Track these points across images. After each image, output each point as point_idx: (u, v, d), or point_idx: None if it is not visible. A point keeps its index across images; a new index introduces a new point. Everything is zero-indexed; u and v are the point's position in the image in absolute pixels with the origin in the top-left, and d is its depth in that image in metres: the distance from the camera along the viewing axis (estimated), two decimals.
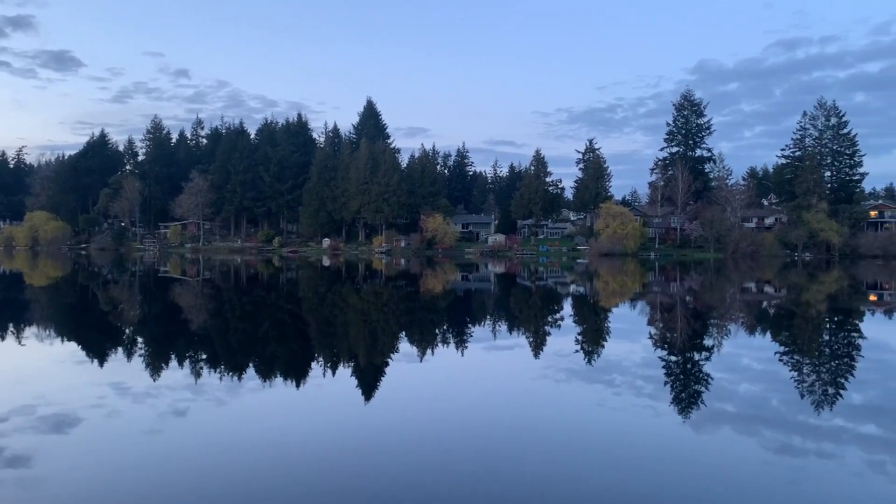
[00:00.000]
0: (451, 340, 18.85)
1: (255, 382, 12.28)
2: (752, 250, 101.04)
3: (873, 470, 7.73)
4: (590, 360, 15.42)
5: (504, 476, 7.53)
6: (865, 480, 7.43)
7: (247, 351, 16.54)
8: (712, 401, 11.15)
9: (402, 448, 8.54)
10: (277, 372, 13.39)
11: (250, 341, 18.17)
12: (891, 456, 8.20)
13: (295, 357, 15.79)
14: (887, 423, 9.79)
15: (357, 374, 13.38)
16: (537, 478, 7.47)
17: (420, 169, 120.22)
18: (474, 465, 7.89)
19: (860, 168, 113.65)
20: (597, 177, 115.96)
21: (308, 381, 12.50)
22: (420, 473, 7.59)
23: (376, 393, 11.71)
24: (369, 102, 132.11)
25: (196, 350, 16.34)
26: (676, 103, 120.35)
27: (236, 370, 13.35)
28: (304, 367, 14.19)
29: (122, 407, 10.38)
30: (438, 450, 8.48)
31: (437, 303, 31.18)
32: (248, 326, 21.55)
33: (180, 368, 13.73)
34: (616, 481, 7.42)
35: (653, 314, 27.52)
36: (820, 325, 23.31)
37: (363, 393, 11.66)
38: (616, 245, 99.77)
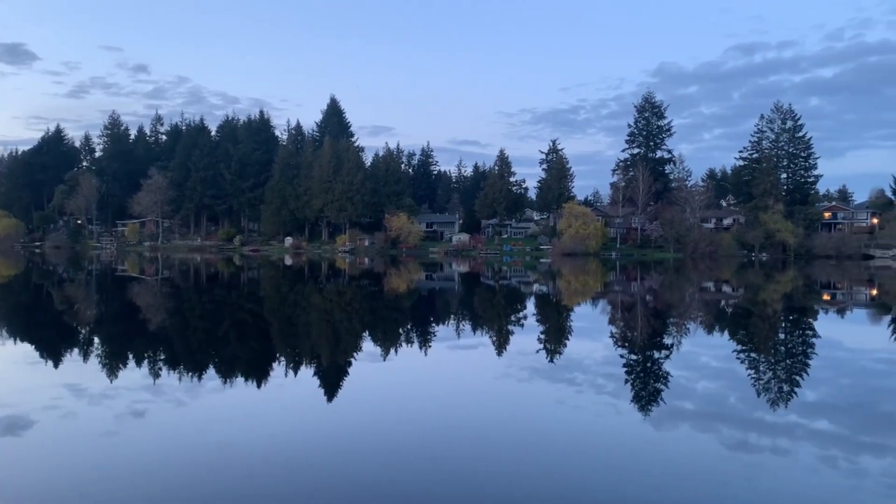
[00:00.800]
0: (415, 340, 18.83)
1: (216, 383, 12.10)
2: (711, 250, 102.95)
3: (826, 465, 7.93)
4: (552, 358, 15.55)
5: (466, 474, 7.55)
6: (818, 475, 7.63)
7: (207, 351, 16.29)
8: (671, 398, 11.32)
9: (366, 447, 8.50)
10: (238, 372, 13.21)
11: (210, 341, 17.90)
12: (842, 451, 8.42)
13: (256, 357, 15.60)
14: (839, 419, 10.06)
15: (320, 374, 13.29)
16: (499, 475, 7.50)
17: (384, 168, 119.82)
18: (437, 463, 7.89)
19: (815, 170, 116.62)
20: (560, 177, 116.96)
21: (269, 382, 12.36)
22: (383, 472, 7.56)
23: (339, 393, 11.64)
24: (333, 100, 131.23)
25: (154, 350, 16.03)
26: (638, 105, 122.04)
27: (196, 371, 13.14)
28: (265, 367, 14.02)
29: (78, 409, 10.14)
30: (401, 448, 8.46)
31: (402, 302, 31.12)
32: (208, 326, 21.22)
33: (138, 369, 13.46)
34: (577, 478, 7.49)
35: (614, 313, 27.86)
36: (776, 324, 23.85)
37: (326, 393, 11.58)
38: (578, 245, 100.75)
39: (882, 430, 9.58)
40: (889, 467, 7.85)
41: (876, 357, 16.52)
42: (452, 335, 19.45)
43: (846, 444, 8.78)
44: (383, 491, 7.02)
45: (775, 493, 7.16)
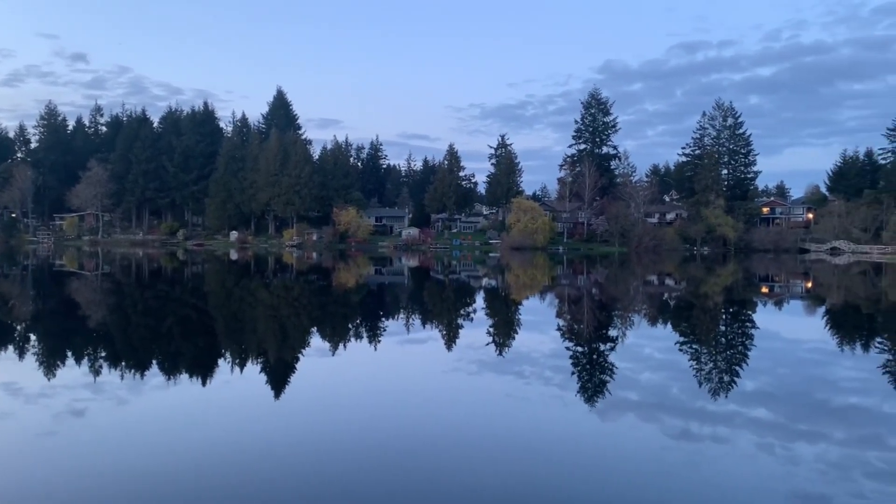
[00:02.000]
0: (365, 335, 18.75)
1: (159, 380, 11.81)
2: (655, 244, 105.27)
3: (763, 452, 8.21)
4: (501, 352, 15.68)
5: (414, 468, 7.56)
6: (756, 462, 7.89)
7: (149, 349, 15.88)
8: (616, 389, 11.55)
9: (313, 444, 8.42)
10: (183, 371, 12.93)
11: (153, 339, 17.45)
12: (778, 439, 8.73)
13: (201, 355, 15.27)
14: (776, 407, 10.42)
15: (267, 371, 13.11)
16: (447, 468, 7.53)
17: (333, 161, 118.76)
18: (385, 457, 7.88)
19: (754, 167, 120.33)
20: (508, 172, 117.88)
21: (215, 380, 12.12)
22: (331, 469, 7.50)
23: (287, 390, 11.50)
24: (279, 92, 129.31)
25: (94, 348, 15.55)
26: (584, 102, 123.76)
27: (138, 369, 12.80)
28: (210, 365, 13.75)
29: (13, 408, 9.77)
30: (349, 444, 8.41)
31: (351, 297, 30.92)
32: (151, 323, 20.70)
33: (77, 367, 13.03)
34: (524, 469, 7.58)
35: (561, 307, 28.24)
36: (716, 317, 24.55)
37: (273, 391, 11.43)
38: (527, 239, 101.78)
39: (815, 417, 9.96)
40: (822, 453, 8.17)
41: (810, 347, 17.16)
42: (402, 330, 19.42)
43: (782, 431, 9.10)
44: (331, 487, 6.97)
45: (716, 479, 7.38)
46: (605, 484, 7.23)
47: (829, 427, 9.33)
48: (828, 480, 7.21)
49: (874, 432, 9.09)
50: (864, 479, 7.24)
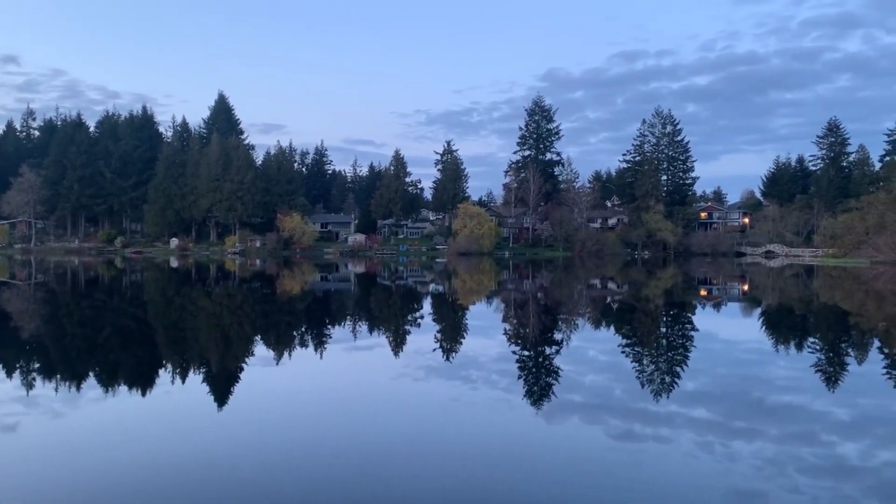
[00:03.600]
0: (310, 343, 18.52)
1: (96, 393, 11.41)
2: (597, 249, 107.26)
3: (703, 450, 8.43)
4: (448, 357, 15.70)
5: (361, 476, 7.48)
6: (696, 460, 8.09)
7: (86, 360, 15.33)
8: (561, 392, 11.70)
9: (258, 456, 8.25)
10: (121, 382, 12.52)
11: (90, 349, 16.86)
12: (717, 437, 8.97)
13: (140, 365, 14.81)
14: (715, 407, 10.71)
15: (209, 381, 12.81)
16: (394, 475, 7.49)
17: (276, 166, 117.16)
18: (331, 467, 7.78)
19: (692, 173, 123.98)
20: (455, 178, 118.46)
21: (155, 391, 11.77)
22: (275, 480, 7.37)
23: (229, 400, 11.26)
24: (221, 96, 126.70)
25: (27, 360, 14.93)
26: (528, 109, 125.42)
27: (74, 381, 12.35)
28: (150, 375, 13.36)
29: None
30: (294, 455, 8.28)
31: (296, 304, 30.52)
32: (88, 333, 19.99)
33: (8, 380, 12.49)
34: (471, 473, 7.59)
35: (507, 311, 28.47)
36: (657, 319, 25.12)
37: (216, 401, 11.17)
38: (473, 244, 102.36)
39: (752, 416, 10.27)
40: (758, 450, 8.42)
41: (747, 348, 17.71)
42: (348, 337, 19.26)
43: (721, 430, 9.36)
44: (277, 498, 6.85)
45: (658, 479, 7.53)
46: (550, 486, 7.30)
47: (765, 425, 9.63)
48: (764, 477, 7.44)
49: (807, 429, 9.43)
50: (797, 474, 7.50)
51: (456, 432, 9.37)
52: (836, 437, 9.00)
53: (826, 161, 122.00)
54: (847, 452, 8.33)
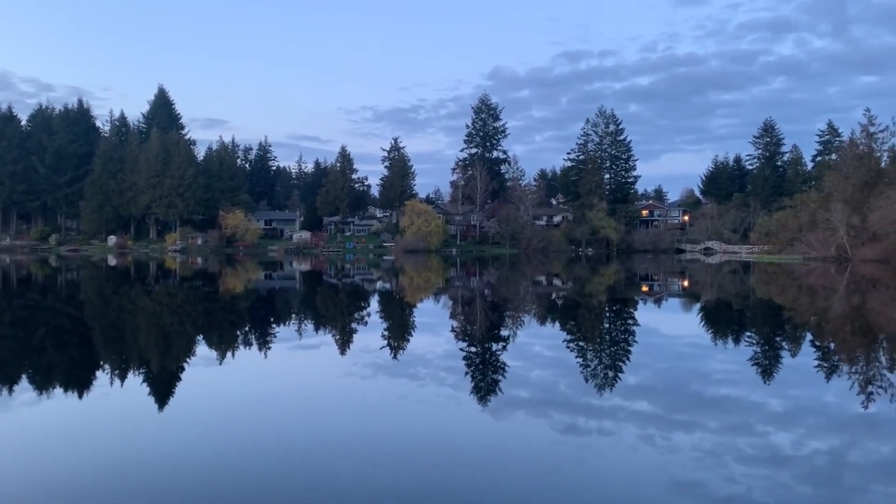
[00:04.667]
0: (254, 342, 18.23)
1: (29, 396, 10.99)
2: (543, 246, 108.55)
3: (644, 443, 8.63)
4: (395, 355, 15.68)
5: (306, 475, 7.41)
6: (638, 453, 8.28)
7: (18, 362, 14.73)
8: (508, 388, 11.81)
9: (202, 458, 8.09)
10: (56, 384, 12.08)
11: (22, 351, 16.21)
12: (658, 430, 9.20)
13: (76, 367, 14.32)
14: (656, 400, 10.98)
15: (149, 382, 12.48)
16: (341, 474, 7.44)
17: (218, 162, 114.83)
18: (276, 467, 7.68)
19: (634, 171, 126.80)
20: (402, 175, 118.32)
21: (91, 393, 11.41)
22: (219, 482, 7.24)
23: (171, 401, 10.99)
24: (161, 90, 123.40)
25: None
26: (475, 107, 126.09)
27: (5, 383, 11.86)
28: (86, 377, 12.94)
29: None
30: (238, 456, 8.13)
31: (239, 303, 29.99)
32: (20, 334, 19.22)
33: None
34: (418, 470, 7.60)
35: (454, 308, 28.58)
36: (601, 314, 25.59)
37: (157, 402, 10.89)
38: (420, 242, 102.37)
39: (691, 408, 10.57)
40: (697, 441, 8.67)
41: (687, 342, 18.20)
42: (294, 335, 19.02)
43: (662, 422, 9.60)
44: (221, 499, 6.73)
45: (602, 471, 7.69)
46: (497, 481, 7.37)
47: (704, 417, 9.92)
48: (703, 467, 7.67)
49: (744, 420, 9.75)
50: (735, 464, 7.75)
51: (403, 430, 9.37)
52: (770, 427, 9.33)
53: (762, 161, 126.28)
54: (781, 442, 8.65)
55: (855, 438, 8.93)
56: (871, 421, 9.79)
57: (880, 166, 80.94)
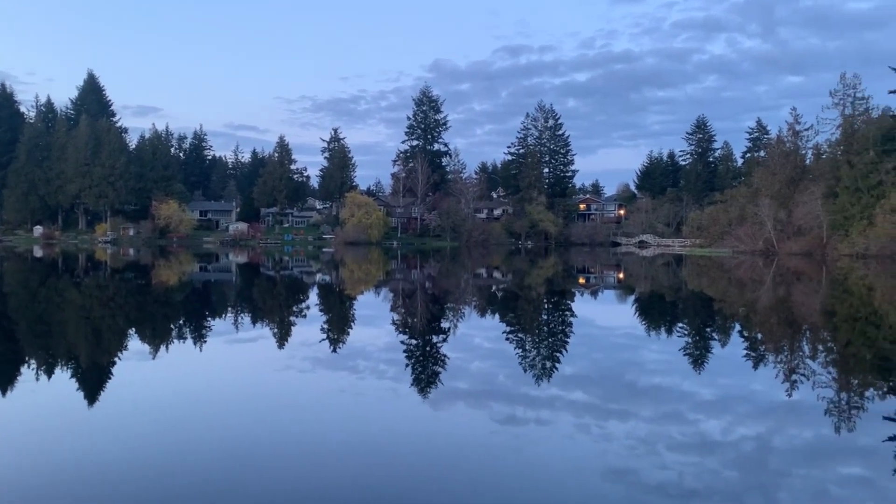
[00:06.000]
0: (189, 336, 17.79)
1: None
2: (484, 239, 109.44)
3: (581, 432, 8.80)
4: (335, 348, 15.55)
5: (242, 471, 7.29)
6: (574, 442, 8.44)
7: None
8: (448, 379, 11.87)
9: (132, 457, 7.85)
10: None
11: None
12: (594, 419, 9.40)
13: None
14: (592, 390, 11.21)
15: (77, 378, 12.03)
16: (280, 469, 7.34)
17: (151, 151, 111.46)
18: (212, 463, 7.53)
19: (572, 166, 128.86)
20: (342, 166, 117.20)
21: (15, 391, 10.92)
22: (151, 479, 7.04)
23: (102, 397, 10.62)
24: (90, 75, 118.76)
25: None
26: (416, 99, 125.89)
27: None
28: (9, 374, 12.37)
29: None
30: (170, 454, 7.93)
31: (173, 296, 29.22)
32: None
33: None
34: (358, 463, 7.57)
35: (395, 300, 28.53)
36: (539, 306, 25.96)
37: (86, 399, 10.50)
38: (361, 234, 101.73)
39: (626, 397, 10.84)
40: (631, 430, 8.90)
41: (622, 333, 18.64)
42: (230, 329, 18.65)
43: (597, 411, 9.81)
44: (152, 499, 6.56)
45: (540, 460, 7.81)
46: (437, 471, 7.40)
47: (638, 406, 10.19)
48: (636, 455, 7.87)
49: (675, 409, 10.05)
50: (667, 451, 7.99)
51: (343, 423, 9.31)
52: (700, 415, 9.65)
53: (694, 157, 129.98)
54: (710, 429, 8.95)
55: (779, 425, 9.32)
56: (795, 408, 10.24)
57: (805, 163, 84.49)
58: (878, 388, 12.01)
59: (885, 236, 59.61)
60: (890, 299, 28.16)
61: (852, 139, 72.57)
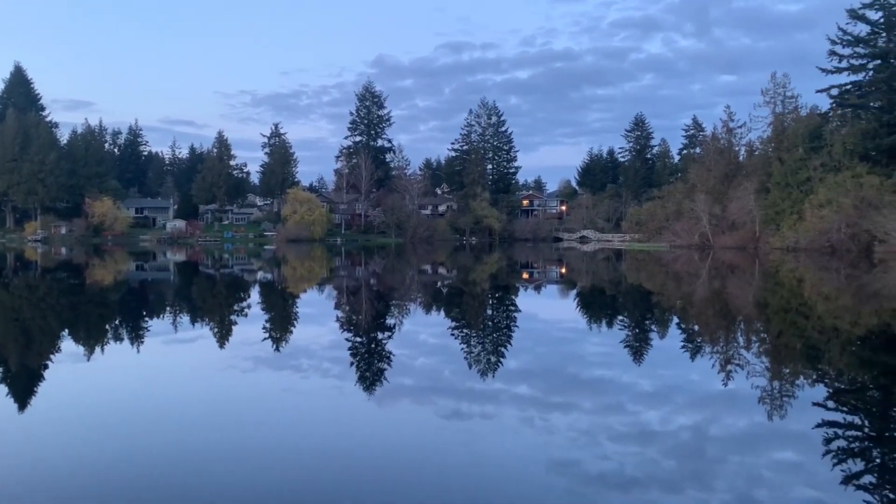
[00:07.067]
0: (125, 337, 17.25)
1: None
2: (429, 235, 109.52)
3: (525, 424, 8.90)
4: (277, 347, 15.33)
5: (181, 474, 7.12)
6: (519, 434, 8.53)
7: None
8: (393, 376, 11.84)
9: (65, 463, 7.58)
10: None
11: None
12: (538, 412, 9.52)
13: None
14: (535, 383, 11.36)
15: (7, 382, 11.53)
16: (221, 471, 7.20)
17: (84, 146, 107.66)
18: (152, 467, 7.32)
19: (515, 162, 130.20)
20: (283, 162, 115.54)
21: None
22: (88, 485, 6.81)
23: (31, 402, 10.20)
24: (18, 68, 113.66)
25: None
26: (359, 94, 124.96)
27: None
28: None
29: None
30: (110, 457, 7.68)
31: (108, 296, 28.30)
32: None
33: None
34: (304, 463, 7.48)
35: (339, 298, 28.30)
36: (484, 301, 26.14)
37: (16, 402, 10.06)
38: (304, 231, 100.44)
39: (568, 390, 11.01)
40: (574, 422, 9.05)
41: (564, 327, 18.94)
42: (168, 329, 18.16)
43: (541, 404, 9.94)
44: None
45: (486, 454, 7.86)
46: (383, 467, 7.37)
47: (580, 398, 10.36)
48: (579, 446, 8.01)
49: (616, 400, 10.26)
50: (608, 441, 8.15)
51: (287, 423, 9.18)
52: (640, 406, 9.88)
53: (633, 153, 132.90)
54: (650, 419, 9.17)
55: (715, 413, 9.62)
56: (730, 397, 10.58)
57: (739, 160, 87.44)
58: (808, 376, 12.53)
59: (813, 230, 62.17)
60: (818, 291, 29.39)
61: (782, 137, 75.48)
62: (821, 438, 8.25)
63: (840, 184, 61.14)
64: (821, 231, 61.39)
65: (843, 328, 18.44)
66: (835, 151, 65.28)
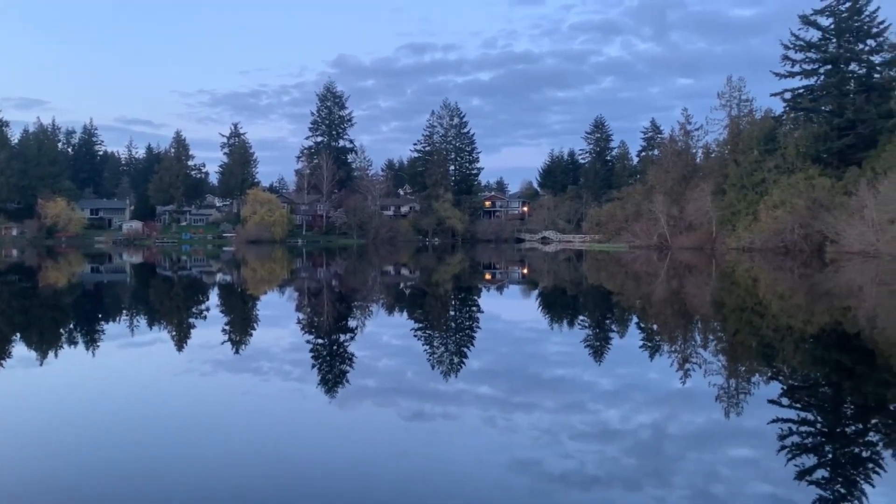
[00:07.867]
0: (79, 340, 16.81)
1: None
2: (391, 236, 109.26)
3: (487, 424, 8.92)
4: (237, 349, 15.11)
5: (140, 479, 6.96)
6: (481, 434, 8.55)
7: None
8: (356, 378, 11.77)
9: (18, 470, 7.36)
10: None
11: None
12: (500, 411, 9.55)
13: None
14: (497, 383, 11.40)
15: None
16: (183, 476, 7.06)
17: (36, 146, 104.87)
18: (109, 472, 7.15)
19: (477, 163, 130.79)
20: (243, 162, 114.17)
21: None
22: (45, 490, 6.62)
23: None
24: None
25: None
26: (320, 94, 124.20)
27: None
28: None
29: None
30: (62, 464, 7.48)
31: (61, 299, 27.57)
32: None
33: None
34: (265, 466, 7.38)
35: (300, 300, 28.03)
36: (447, 302, 26.15)
37: None
38: (264, 232, 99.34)
39: (530, 390, 11.07)
40: (535, 421, 9.10)
41: (526, 327, 19.05)
42: (124, 332, 17.77)
43: (503, 404, 9.97)
44: None
45: (448, 454, 7.86)
46: (346, 469, 7.31)
47: (541, 398, 10.43)
48: (540, 445, 8.05)
49: (577, 399, 10.36)
50: (569, 440, 8.21)
51: (248, 426, 9.05)
52: (601, 405, 9.98)
53: (593, 155, 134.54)
54: (610, 418, 9.28)
55: (674, 411, 9.78)
56: (688, 394, 10.76)
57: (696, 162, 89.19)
58: (763, 373, 12.81)
59: (767, 231, 63.72)
60: (773, 290, 30.10)
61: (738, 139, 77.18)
62: (775, 434, 8.43)
63: (793, 185, 62.77)
64: (775, 231, 62.93)
65: (797, 326, 18.92)
66: (788, 154, 66.99)
